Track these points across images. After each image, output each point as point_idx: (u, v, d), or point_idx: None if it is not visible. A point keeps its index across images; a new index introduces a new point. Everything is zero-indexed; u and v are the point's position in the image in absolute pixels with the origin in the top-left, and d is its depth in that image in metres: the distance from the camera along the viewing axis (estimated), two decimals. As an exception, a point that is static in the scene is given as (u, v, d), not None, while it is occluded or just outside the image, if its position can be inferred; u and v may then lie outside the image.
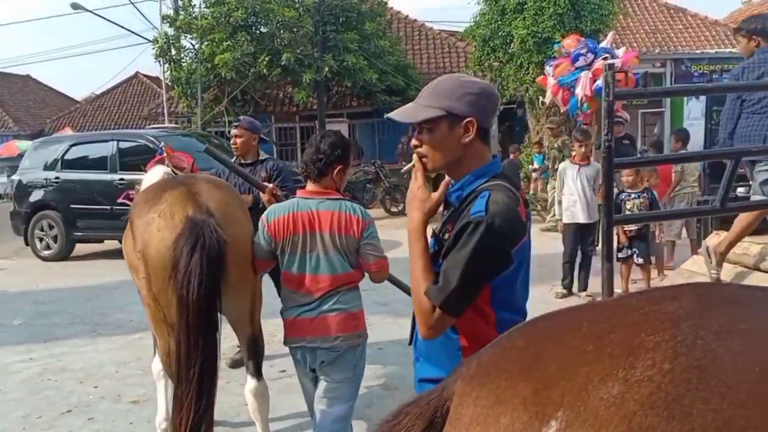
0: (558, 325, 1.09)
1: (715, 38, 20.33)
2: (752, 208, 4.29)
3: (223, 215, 3.22)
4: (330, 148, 3.05)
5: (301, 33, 15.61)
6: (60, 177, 10.99)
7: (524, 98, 14.25)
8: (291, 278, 3.05)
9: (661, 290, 1.10)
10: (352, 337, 3.05)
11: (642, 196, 6.74)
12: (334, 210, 3.01)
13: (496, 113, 1.98)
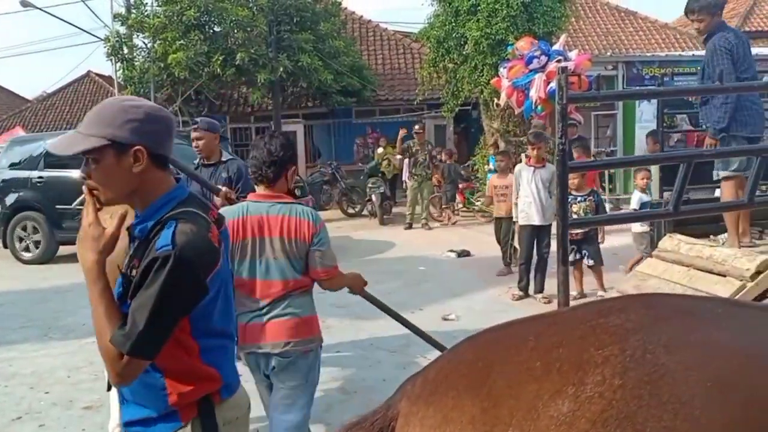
0: (505, 339, 1.07)
1: (666, 41, 20.87)
2: (706, 211, 4.38)
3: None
4: (282, 150, 3.01)
5: (255, 33, 15.44)
6: (43, 176, 10.53)
7: (479, 100, 14.33)
8: (242, 283, 2.99)
9: (608, 302, 1.08)
10: (303, 343, 3.00)
11: (588, 198, 6.83)
12: (284, 214, 2.96)
13: (171, 136, 1.84)
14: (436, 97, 16.07)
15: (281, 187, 3.04)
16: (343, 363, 5.38)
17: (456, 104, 14.66)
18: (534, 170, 7.06)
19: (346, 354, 5.59)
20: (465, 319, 6.52)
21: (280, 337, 2.96)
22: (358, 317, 6.43)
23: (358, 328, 6.21)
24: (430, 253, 10.05)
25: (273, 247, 2.94)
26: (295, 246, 2.94)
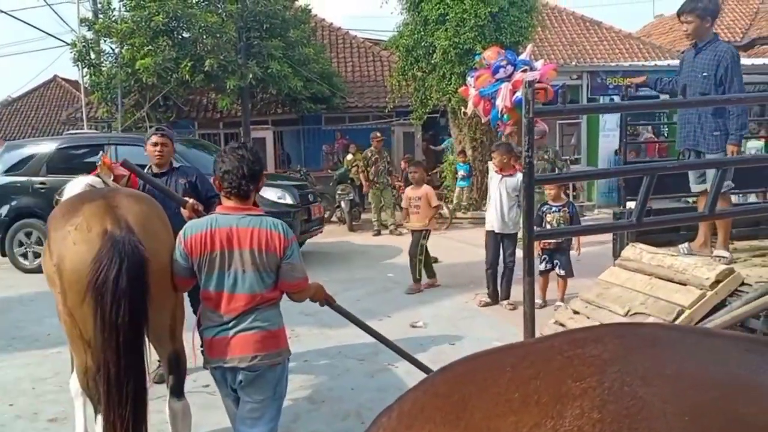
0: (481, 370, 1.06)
1: (629, 51, 21.30)
2: (665, 223, 4.49)
3: (143, 230, 3.14)
4: (257, 164, 2.99)
5: (224, 39, 15.35)
6: (47, 182, 10.08)
7: (447, 108, 14.47)
8: (209, 297, 2.96)
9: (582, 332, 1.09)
10: (271, 356, 2.96)
11: (563, 209, 6.92)
12: (255, 226, 2.93)
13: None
14: (405, 105, 16.17)
15: (249, 200, 3.00)
16: (311, 372, 5.36)
17: (424, 112, 14.78)
18: (501, 178, 7.14)
19: (313, 363, 5.58)
20: (432, 327, 6.57)
21: (248, 351, 2.92)
22: (326, 325, 6.43)
23: (326, 336, 6.21)
24: (398, 260, 10.09)
25: (243, 260, 2.90)
26: (266, 258, 2.91)
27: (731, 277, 4.05)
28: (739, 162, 4.41)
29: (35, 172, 10.31)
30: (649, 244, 4.91)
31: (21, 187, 10.38)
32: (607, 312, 4.50)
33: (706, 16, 4.67)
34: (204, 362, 3.08)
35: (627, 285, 4.65)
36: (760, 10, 26.35)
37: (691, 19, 4.67)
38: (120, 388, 2.90)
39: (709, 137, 4.65)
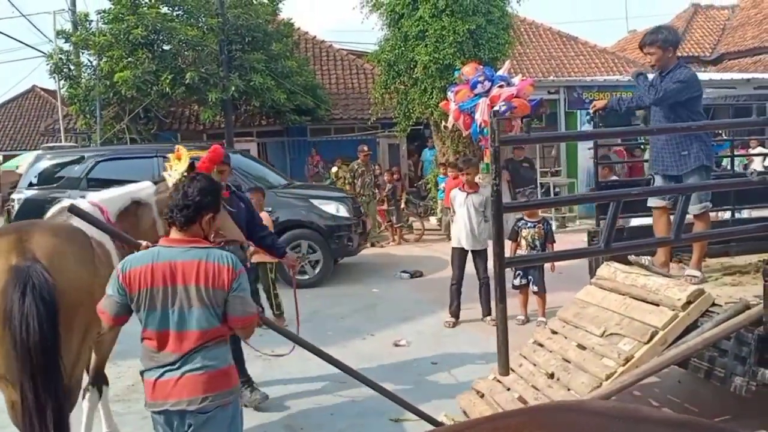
0: None
1: (605, 65, 21.58)
2: (633, 248, 4.56)
3: (50, 263, 3.12)
4: (199, 195, 2.86)
5: (205, 52, 15.35)
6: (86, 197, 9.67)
7: (429, 121, 14.58)
8: (151, 336, 2.81)
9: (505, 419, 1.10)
10: (222, 396, 2.82)
11: (538, 225, 7.01)
12: (200, 260, 2.80)
13: None
14: (390, 117, 16.25)
15: (195, 232, 2.88)
16: (289, 397, 5.31)
17: (408, 124, 14.88)
18: (467, 195, 7.21)
19: (291, 387, 5.52)
20: (415, 345, 6.59)
21: (197, 392, 2.76)
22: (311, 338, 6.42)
23: (307, 357, 6.16)
24: (383, 274, 10.11)
25: (188, 296, 2.76)
26: (212, 294, 2.77)
27: (702, 298, 4.11)
28: (701, 187, 4.49)
29: (75, 185, 9.70)
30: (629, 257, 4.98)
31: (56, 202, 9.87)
32: (584, 332, 4.54)
33: (668, 47, 4.80)
34: (146, 405, 2.90)
35: (603, 305, 4.69)
36: (726, 26, 26.89)
37: (654, 51, 4.80)
38: (40, 414, 2.89)
39: (678, 159, 4.75)
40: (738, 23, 26.36)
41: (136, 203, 4.37)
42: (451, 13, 12.78)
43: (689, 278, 4.75)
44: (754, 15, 25.99)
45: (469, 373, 5.28)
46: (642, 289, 4.48)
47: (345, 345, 6.46)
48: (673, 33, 4.97)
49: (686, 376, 5.03)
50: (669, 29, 5.06)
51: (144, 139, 16.82)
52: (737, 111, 6.69)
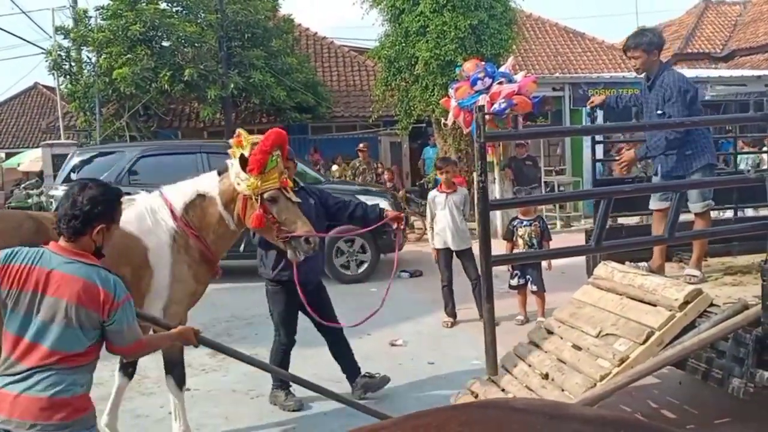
0: None
1: (612, 62, 21.43)
2: (624, 247, 4.45)
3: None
4: (89, 204, 2.63)
5: (204, 49, 15.32)
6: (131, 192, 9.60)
7: (431, 118, 14.49)
8: (8, 339, 2.59)
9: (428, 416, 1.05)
10: (54, 428, 2.53)
11: (533, 224, 6.90)
12: (81, 276, 2.57)
13: None
14: (391, 114, 16.16)
15: (85, 244, 2.66)
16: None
17: (409, 122, 14.79)
18: (447, 196, 7.08)
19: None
20: (412, 345, 6.50)
21: (28, 416, 2.51)
22: (303, 345, 6.31)
23: (303, 357, 6.09)
24: (381, 273, 10.01)
25: (55, 310, 2.55)
26: (85, 315, 2.56)
27: (700, 298, 4.00)
28: (696, 184, 4.38)
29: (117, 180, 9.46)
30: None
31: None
32: (580, 332, 4.45)
33: (652, 50, 4.72)
34: None
35: (599, 305, 4.60)
36: (738, 22, 26.63)
37: (638, 54, 4.73)
38: None
39: (683, 159, 4.65)
40: (750, 19, 26.06)
41: (201, 196, 4.22)
42: (453, 8, 12.68)
43: (688, 278, 4.65)
44: (767, 11, 25.72)
45: (465, 374, 5.20)
46: (639, 289, 4.38)
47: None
48: (657, 35, 4.90)
49: (687, 377, 4.92)
50: (653, 31, 5.00)
51: (144, 136, 16.80)
52: (746, 108, 6.53)
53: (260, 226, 4.08)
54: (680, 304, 3.99)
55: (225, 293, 9.04)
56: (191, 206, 4.17)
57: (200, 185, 4.27)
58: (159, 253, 4.00)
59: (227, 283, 9.71)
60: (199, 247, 4.11)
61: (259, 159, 3.97)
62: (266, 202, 4.03)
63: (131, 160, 9.84)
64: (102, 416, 4.19)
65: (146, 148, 10.53)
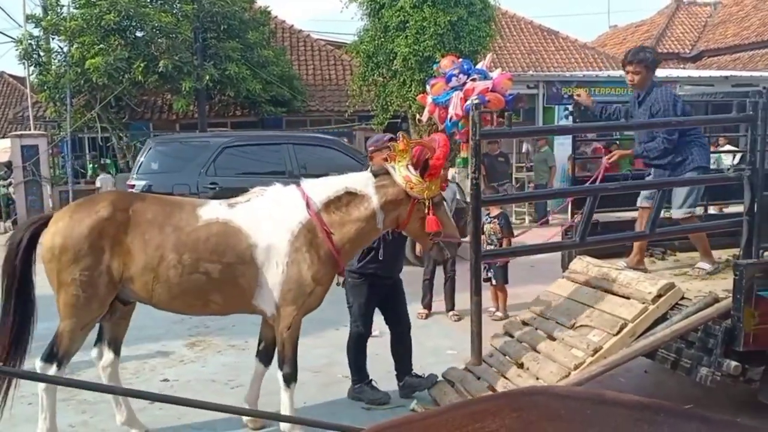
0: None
1: (585, 60, 21.72)
2: (607, 242, 4.59)
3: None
4: None
5: (179, 40, 15.13)
6: (218, 183, 9.31)
7: (407, 114, 14.56)
8: None
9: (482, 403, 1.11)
10: None
11: (493, 221, 6.99)
12: None
13: None
14: (367, 109, 16.18)
15: None
16: (263, 386, 5.27)
17: (385, 117, 14.85)
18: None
19: (266, 376, 5.48)
20: (388, 336, 6.57)
21: None
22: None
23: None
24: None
25: None
26: None
27: (672, 292, 4.15)
28: (681, 183, 4.53)
29: (200, 171, 9.54)
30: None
31: (187, 188, 9.34)
32: (555, 324, 4.58)
33: (651, 67, 4.81)
34: None
35: (574, 297, 4.73)
36: (708, 23, 27.17)
37: (639, 70, 4.77)
38: None
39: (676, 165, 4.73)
40: (720, 20, 26.59)
41: (350, 194, 4.11)
42: (433, 4, 12.76)
43: (698, 270, 4.79)
44: (737, 12, 26.21)
45: (440, 363, 5.29)
46: (613, 282, 4.52)
47: (320, 335, 6.42)
48: (655, 54, 5.03)
49: (653, 366, 5.08)
50: (652, 50, 5.11)
51: (115, 128, 16.59)
52: (715, 108, 6.73)
53: (437, 229, 4.00)
54: (653, 297, 4.14)
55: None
56: (335, 202, 4.09)
57: (351, 182, 4.17)
58: (271, 251, 3.93)
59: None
60: (327, 245, 4.01)
61: (441, 165, 3.95)
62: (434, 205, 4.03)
63: (216, 150, 9.72)
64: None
65: (231, 138, 10.42)
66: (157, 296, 3.91)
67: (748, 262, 3.92)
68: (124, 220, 3.84)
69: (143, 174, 9.81)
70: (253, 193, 4.17)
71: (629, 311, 4.17)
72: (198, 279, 3.86)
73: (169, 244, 3.83)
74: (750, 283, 3.83)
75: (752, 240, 3.90)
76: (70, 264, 3.77)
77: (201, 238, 3.87)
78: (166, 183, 9.27)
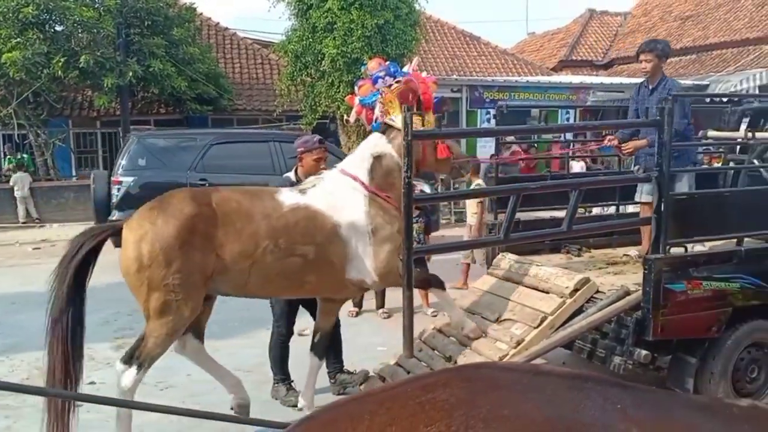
0: (342, 419, 1.16)
1: (504, 66, 22.40)
2: (531, 239, 4.85)
3: None
4: None
5: (101, 35, 14.70)
6: (207, 180, 9.22)
7: (336, 115, 14.66)
8: None
9: (432, 376, 1.23)
10: None
11: (419, 220, 7.20)
12: None
13: None
14: (295, 109, 16.16)
15: None
16: (195, 387, 5.25)
17: (314, 118, 14.88)
18: None
19: (197, 377, 5.42)
20: (318, 334, 6.67)
21: None
22: (211, 336, 6.30)
23: (213, 348, 6.05)
24: None
25: None
26: None
27: (587, 286, 4.44)
28: (593, 183, 4.84)
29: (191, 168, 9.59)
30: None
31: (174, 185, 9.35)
32: (480, 318, 4.79)
33: (663, 57, 5.21)
34: None
35: (498, 293, 4.97)
36: (618, 32, 28.55)
37: (651, 58, 5.17)
38: None
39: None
40: (629, 30, 27.95)
41: (377, 158, 4.39)
42: (360, 6, 12.89)
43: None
44: (644, 23, 27.67)
45: (371, 360, 5.40)
46: (534, 278, 4.77)
47: (250, 335, 6.45)
48: (667, 44, 5.38)
49: (570, 357, 5.37)
50: (665, 42, 5.46)
51: (33, 125, 15.94)
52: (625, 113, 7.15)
53: (449, 155, 4.51)
54: (570, 291, 4.41)
55: (124, 287, 8.82)
56: (372, 171, 4.36)
57: (372, 148, 4.45)
58: (353, 226, 4.17)
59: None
60: (392, 204, 4.29)
61: (431, 95, 4.40)
62: None
63: (204, 146, 9.83)
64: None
65: (217, 135, 10.55)
66: (251, 283, 4.03)
67: (656, 256, 4.16)
68: (210, 214, 3.88)
69: (129, 170, 9.70)
70: (310, 182, 4.43)
71: (549, 305, 4.43)
72: (294, 262, 4.03)
73: (262, 231, 3.94)
74: (658, 277, 4.11)
75: (660, 236, 4.19)
76: (162, 269, 3.70)
77: (290, 222, 4.04)
78: (155, 179, 9.27)
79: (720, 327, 4.33)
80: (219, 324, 6.79)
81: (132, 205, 9.44)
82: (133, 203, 9.45)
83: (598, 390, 1.20)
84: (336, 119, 15.17)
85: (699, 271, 4.29)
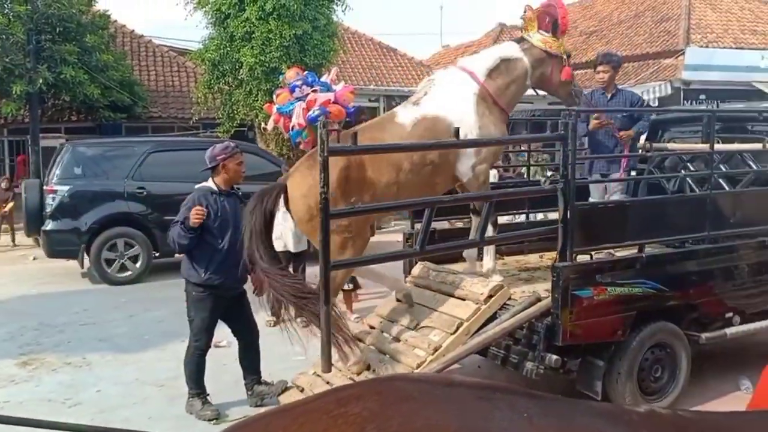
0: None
1: (420, 77, 22.75)
2: (445, 250, 4.97)
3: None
4: None
5: (10, 41, 14.05)
6: (146, 188, 9.22)
7: (254, 123, 14.54)
8: None
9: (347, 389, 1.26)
10: None
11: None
12: None
13: None
14: (212, 117, 15.93)
15: None
16: (104, 402, 5.09)
17: (232, 125, 14.71)
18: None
19: (108, 392, 5.29)
20: (235, 346, 6.57)
21: None
22: (122, 350, 6.17)
23: (123, 362, 5.95)
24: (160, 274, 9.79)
25: None
26: None
27: (501, 293, 4.59)
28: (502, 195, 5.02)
29: (128, 176, 9.42)
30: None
31: (112, 193, 9.40)
32: (399, 326, 4.87)
33: (617, 67, 5.67)
34: None
35: (417, 300, 5.06)
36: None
37: (608, 69, 5.59)
38: None
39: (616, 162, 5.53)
40: (535, 43, 29.03)
41: (505, 61, 4.94)
42: (278, 17, 12.85)
43: None
44: (550, 38, 28.82)
45: (289, 369, 5.39)
46: (451, 285, 4.89)
47: (163, 348, 6.30)
48: (621, 58, 5.96)
49: (485, 362, 5.51)
50: (618, 55, 6.02)
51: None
52: (533, 125, 7.48)
53: (572, 79, 5.10)
54: (485, 297, 4.54)
55: (31, 300, 8.48)
56: (495, 70, 4.90)
57: (503, 52, 5.05)
58: (464, 122, 4.63)
59: (33, 288, 9.08)
60: (498, 105, 4.89)
61: (567, 21, 5.04)
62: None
63: (141, 154, 9.70)
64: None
65: (156, 143, 10.48)
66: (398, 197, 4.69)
67: (564, 264, 4.34)
68: (357, 160, 4.46)
69: (64, 179, 9.53)
70: (422, 88, 5.00)
71: (464, 311, 4.54)
72: (427, 170, 4.68)
73: (398, 156, 4.57)
74: (566, 284, 4.30)
75: (567, 245, 4.37)
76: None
77: (416, 139, 4.64)
78: (91, 188, 9.43)
79: (625, 330, 4.55)
80: (131, 337, 6.62)
81: (68, 215, 9.45)
82: (69, 213, 9.43)
83: (507, 400, 1.25)
84: (254, 127, 15.03)
85: (604, 278, 4.51)
